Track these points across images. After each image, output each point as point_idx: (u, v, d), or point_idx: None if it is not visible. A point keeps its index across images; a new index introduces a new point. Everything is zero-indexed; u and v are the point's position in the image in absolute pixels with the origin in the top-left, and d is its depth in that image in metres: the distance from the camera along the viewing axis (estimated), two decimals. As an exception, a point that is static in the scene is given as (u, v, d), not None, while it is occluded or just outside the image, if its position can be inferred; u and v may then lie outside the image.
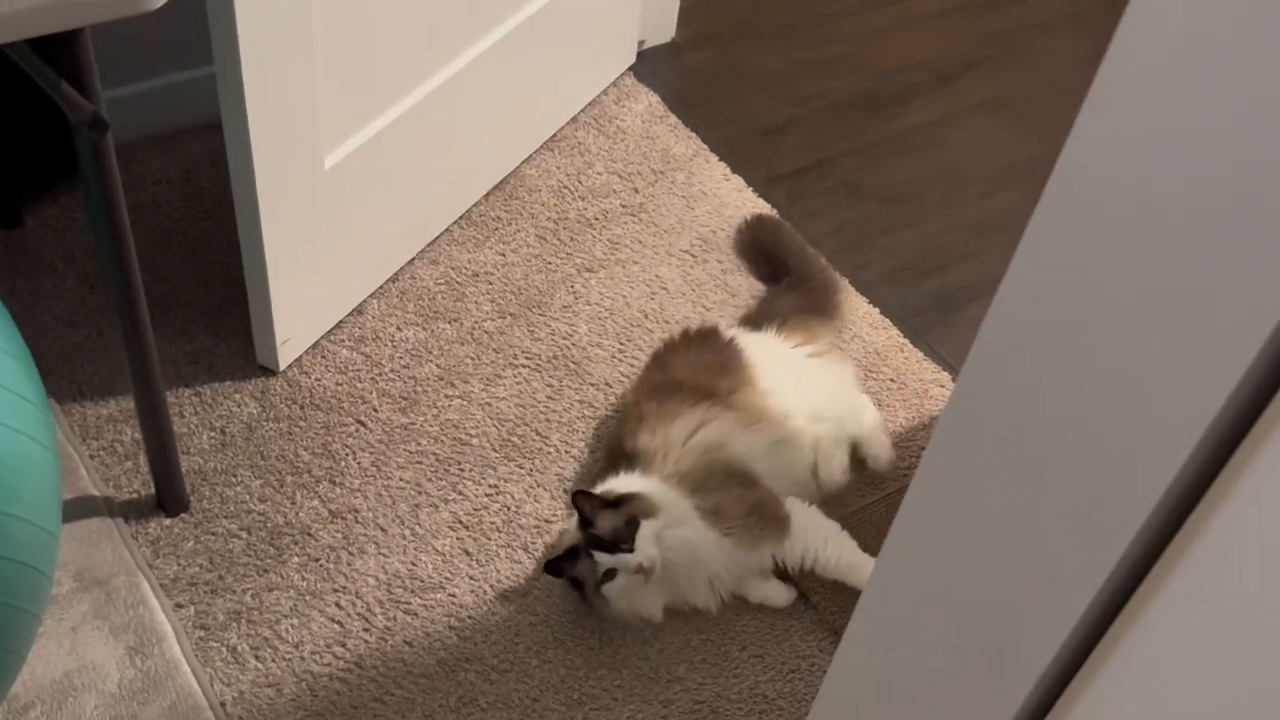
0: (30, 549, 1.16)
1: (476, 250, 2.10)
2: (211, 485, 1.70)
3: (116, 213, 1.33)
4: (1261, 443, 0.62)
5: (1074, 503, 0.74)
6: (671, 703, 1.56)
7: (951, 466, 0.86)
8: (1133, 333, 0.66)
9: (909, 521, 0.93)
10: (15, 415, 1.17)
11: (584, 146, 2.33)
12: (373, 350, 1.91)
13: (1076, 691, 0.82)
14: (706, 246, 2.19)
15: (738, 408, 1.71)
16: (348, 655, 1.55)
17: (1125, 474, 0.69)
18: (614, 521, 1.54)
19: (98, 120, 1.22)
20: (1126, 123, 0.61)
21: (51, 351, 1.82)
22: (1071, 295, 0.69)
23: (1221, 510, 0.66)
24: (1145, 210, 0.63)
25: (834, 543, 1.64)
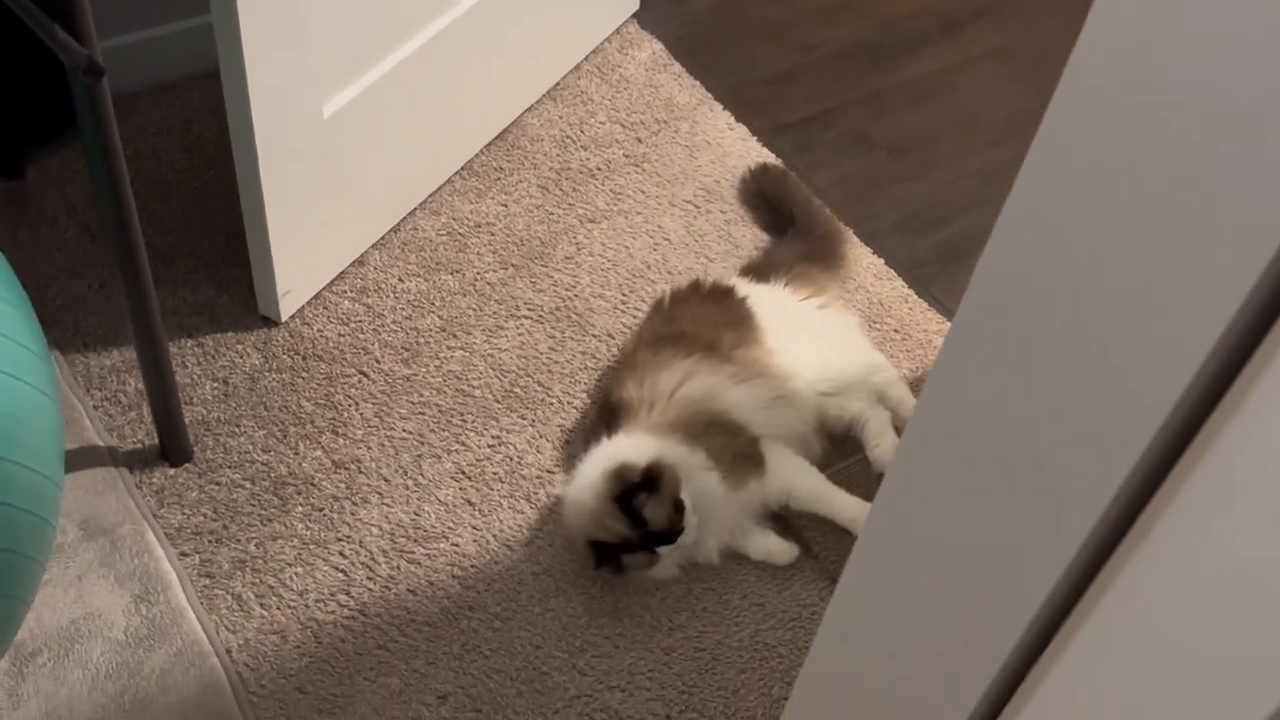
0: (32, 496, 1.17)
1: (478, 201, 2.10)
2: (215, 435, 1.71)
3: (114, 160, 1.33)
4: (1252, 384, 0.63)
5: (1070, 441, 0.75)
6: (673, 650, 1.58)
7: (946, 409, 0.87)
8: (1126, 269, 0.66)
9: (905, 464, 0.94)
10: (14, 363, 1.18)
11: (586, 95, 2.33)
12: (375, 301, 1.92)
13: (1072, 628, 0.83)
14: (710, 197, 2.18)
15: (737, 362, 1.71)
16: (352, 603, 1.57)
17: (1119, 412, 0.70)
18: (663, 509, 1.53)
19: (92, 65, 1.22)
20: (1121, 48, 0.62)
21: (55, 303, 1.83)
22: (1066, 228, 0.69)
23: (1221, 440, 0.67)
24: (1138, 145, 0.63)
25: (804, 476, 1.68)
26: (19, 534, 1.15)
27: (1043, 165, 0.70)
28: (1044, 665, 0.86)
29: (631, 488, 1.53)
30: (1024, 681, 0.88)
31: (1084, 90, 0.65)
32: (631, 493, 1.53)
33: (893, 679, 1.04)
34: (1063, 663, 0.84)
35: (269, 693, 1.48)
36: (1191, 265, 0.62)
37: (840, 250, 2.06)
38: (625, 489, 1.53)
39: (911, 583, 0.98)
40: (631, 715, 1.51)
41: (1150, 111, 0.62)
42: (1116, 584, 0.79)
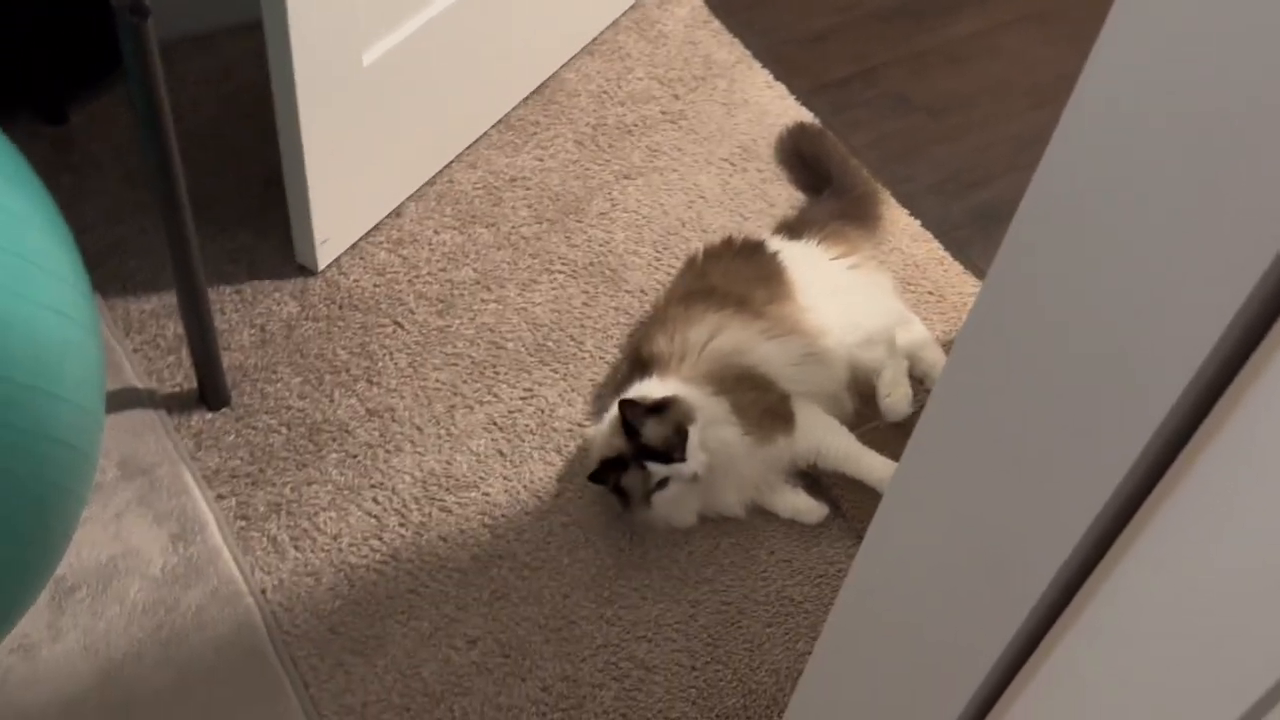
0: (76, 431, 1.20)
1: (514, 155, 2.11)
2: (252, 381, 1.74)
3: (157, 101, 1.35)
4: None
5: (1092, 407, 0.76)
6: (699, 603, 1.60)
7: (972, 373, 0.87)
8: (1148, 243, 0.67)
9: (931, 425, 0.95)
10: (59, 299, 1.21)
11: (624, 51, 2.33)
12: (410, 253, 1.94)
13: (1089, 592, 0.84)
14: (746, 155, 2.18)
15: (768, 318, 1.72)
16: (384, 548, 1.60)
17: (1140, 382, 0.70)
18: (663, 430, 1.56)
19: (138, 5, 1.24)
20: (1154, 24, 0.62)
21: (96, 247, 1.86)
22: (1092, 200, 0.70)
23: (1239, 413, 0.67)
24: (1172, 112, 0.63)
25: (834, 436, 1.69)
26: (61, 467, 1.18)
27: (1069, 138, 0.70)
28: (1061, 628, 0.87)
29: (639, 409, 1.57)
30: (1042, 641, 0.89)
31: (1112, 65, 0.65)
32: (639, 414, 1.56)
33: (914, 637, 1.05)
34: (1078, 627, 0.85)
35: (302, 632, 1.51)
36: (1214, 240, 0.63)
37: (876, 211, 2.06)
38: (633, 409, 1.57)
39: (934, 542, 0.99)
40: (657, 665, 1.53)
41: (1181, 89, 0.62)
42: (1134, 549, 0.79)
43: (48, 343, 1.17)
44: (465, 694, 1.48)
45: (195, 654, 1.47)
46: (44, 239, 1.20)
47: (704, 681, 1.53)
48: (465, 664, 1.51)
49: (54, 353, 1.18)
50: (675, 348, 1.68)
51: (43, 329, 1.17)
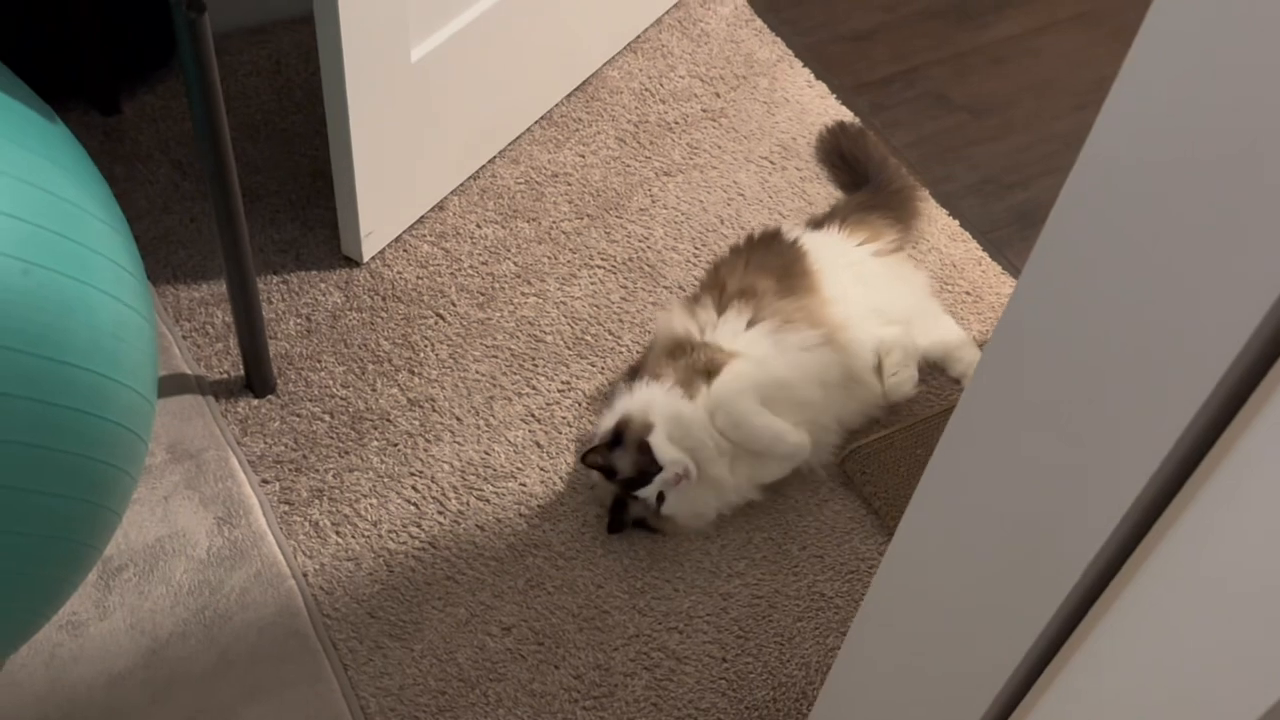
0: (130, 413, 1.25)
1: (556, 151, 2.14)
2: (297, 370, 1.78)
3: (213, 96, 1.39)
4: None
5: (1124, 402, 0.78)
6: (731, 596, 1.63)
7: (1007, 367, 0.89)
8: (1185, 231, 0.69)
9: (965, 419, 0.97)
10: (117, 285, 1.25)
11: (667, 49, 2.35)
12: (453, 246, 1.97)
13: (1118, 589, 0.86)
14: (786, 154, 2.21)
15: (767, 307, 1.75)
16: (422, 535, 1.64)
17: (1175, 376, 0.72)
18: (629, 455, 1.61)
19: (195, 0, 1.28)
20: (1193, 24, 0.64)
21: (147, 236, 1.91)
22: (1128, 192, 0.72)
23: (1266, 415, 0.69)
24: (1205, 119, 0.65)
25: (743, 398, 1.65)
26: (117, 448, 1.23)
27: (1104, 139, 0.72)
28: (1088, 624, 0.89)
29: (599, 451, 1.62)
30: (1069, 638, 0.91)
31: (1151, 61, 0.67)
32: (603, 455, 1.62)
33: (943, 633, 1.07)
34: (1106, 622, 0.87)
35: (341, 615, 1.55)
36: (1248, 238, 0.64)
37: (911, 206, 2.07)
38: (594, 455, 1.63)
39: (965, 535, 1.01)
40: (688, 656, 1.56)
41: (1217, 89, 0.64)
42: (1165, 545, 0.81)
43: (106, 327, 1.22)
44: (499, 680, 1.52)
45: (238, 635, 1.51)
46: (103, 228, 1.25)
47: (734, 673, 1.56)
48: (500, 650, 1.54)
49: (111, 337, 1.22)
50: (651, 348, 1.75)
51: (102, 314, 1.21)
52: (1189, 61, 0.65)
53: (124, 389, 1.22)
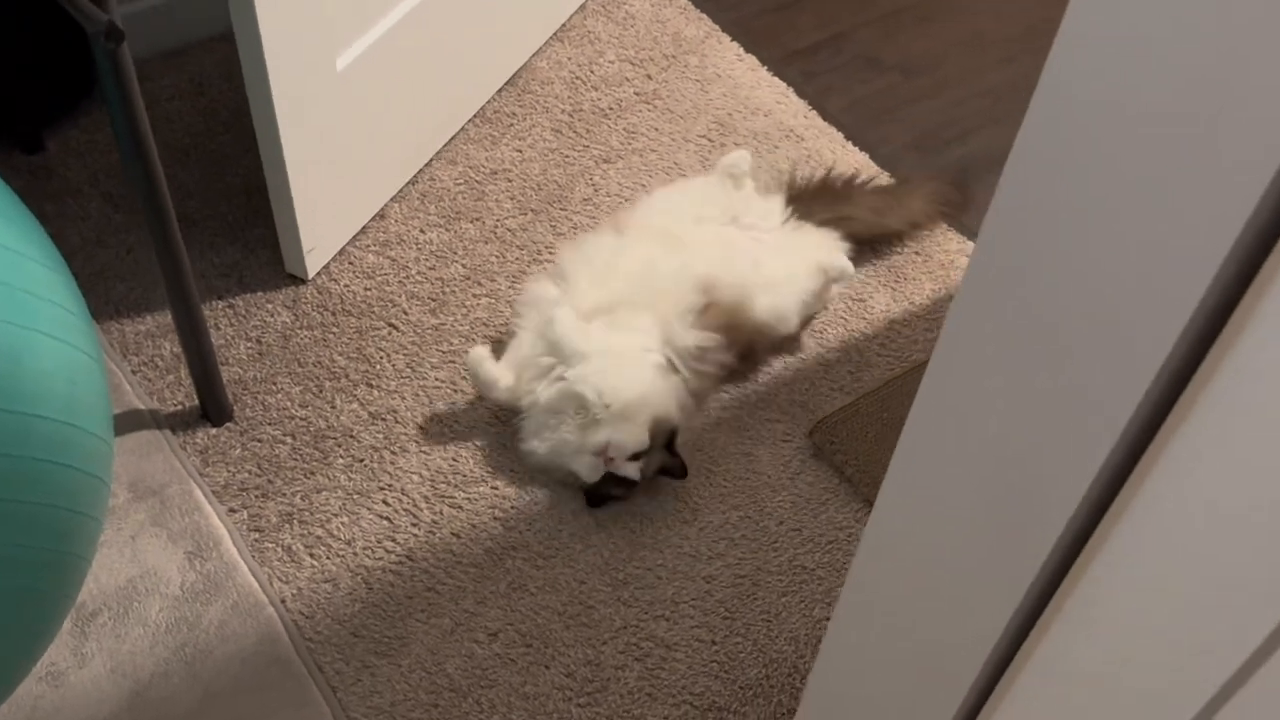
0: (89, 457, 1.22)
1: (493, 148, 2.13)
2: (253, 394, 1.76)
3: (138, 126, 1.37)
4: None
5: (1091, 354, 0.78)
6: (714, 578, 1.63)
7: (974, 321, 0.90)
8: (1146, 166, 0.69)
9: (938, 376, 0.97)
10: (64, 328, 1.23)
11: (594, 35, 2.34)
12: (398, 254, 1.96)
13: (1097, 544, 0.87)
14: (723, 130, 2.21)
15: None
16: (398, 549, 1.63)
17: (1142, 324, 0.73)
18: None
19: (113, 29, 1.25)
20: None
21: (84, 272, 1.88)
22: (1089, 124, 0.72)
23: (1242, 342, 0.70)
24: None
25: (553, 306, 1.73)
26: (82, 495, 1.21)
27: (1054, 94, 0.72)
28: (1075, 575, 0.90)
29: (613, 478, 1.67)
30: (1050, 600, 0.92)
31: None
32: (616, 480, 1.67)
33: (931, 594, 1.08)
34: (1097, 567, 0.88)
35: (325, 638, 1.54)
36: (1210, 172, 0.65)
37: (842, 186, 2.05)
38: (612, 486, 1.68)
39: (947, 495, 1.02)
40: (677, 642, 1.57)
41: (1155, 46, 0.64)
42: (1139, 497, 0.82)
43: (56, 372, 1.19)
44: (491, 686, 1.51)
45: (221, 668, 1.50)
46: (42, 270, 1.22)
47: (725, 655, 1.56)
48: (489, 656, 1.54)
49: (63, 382, 1.20)
50: None
51: (50, 359, 1.19)
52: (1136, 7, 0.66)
53: (81, 433, 1.20)
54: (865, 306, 1.96)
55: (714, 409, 1.81)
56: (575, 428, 1.65)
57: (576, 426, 1.65)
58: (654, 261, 1.76)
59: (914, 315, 1.96)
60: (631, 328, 1.72)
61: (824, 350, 1.90)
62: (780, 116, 2.24)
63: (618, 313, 1.73)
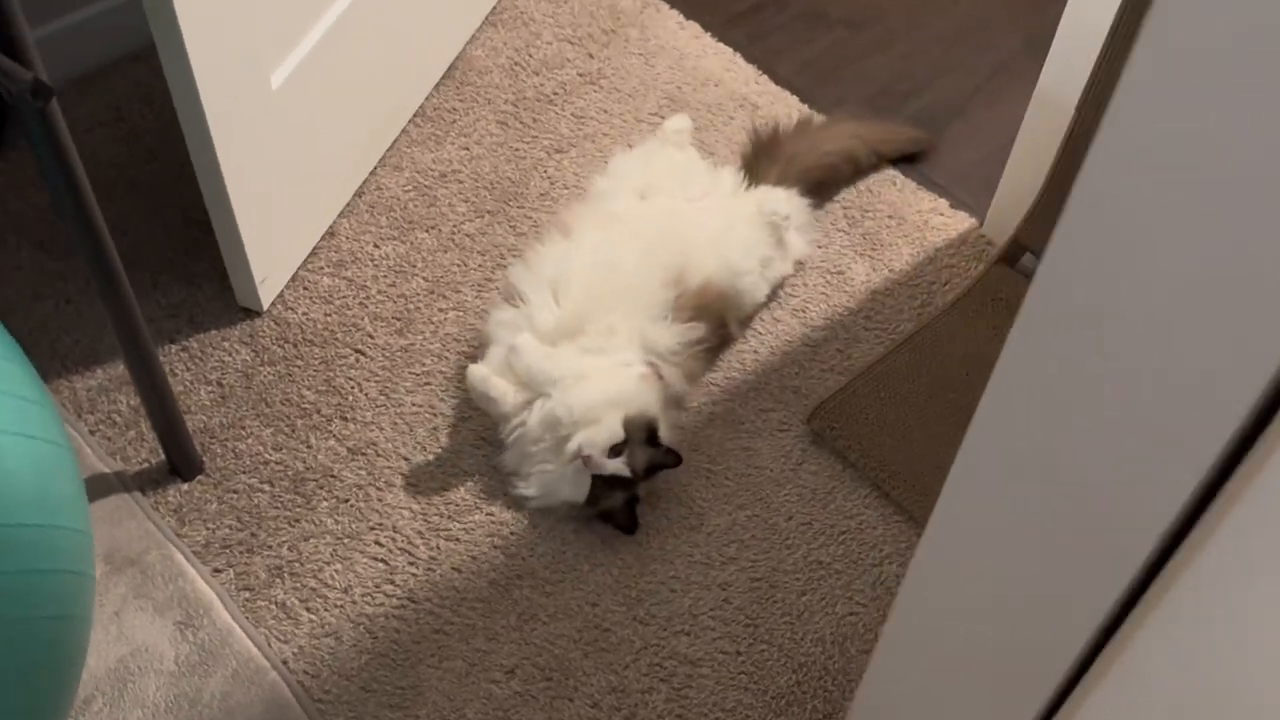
0: (73, 554, 1.14)
1: (438, 148, 2.04)
2: (221, 442, 1.68)
3: (76, 182, 1.27)
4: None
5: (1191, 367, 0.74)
6: (729, 585, 1.59)
7: (1054, 313, 0.84)
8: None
9: (1000, 389, 0.92)
10: (24, 420, 1.14)
11: (527, 15, 2.25)
12: (354, 273, 1.87)
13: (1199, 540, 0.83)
14: (674, 104, 2.14)
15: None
16: (398, 592, 1.56)
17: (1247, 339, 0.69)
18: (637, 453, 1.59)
19: (40, 87, 1.16)
20: None
21: (23, 329, 1.77)
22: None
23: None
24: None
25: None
26: (72, 597, 1.13)
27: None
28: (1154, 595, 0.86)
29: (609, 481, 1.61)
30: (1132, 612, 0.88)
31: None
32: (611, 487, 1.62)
33: (996, 612, 1.04)
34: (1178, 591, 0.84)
35: (334, 697, 1.47)
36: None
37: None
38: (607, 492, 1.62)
39: (1016, 504, 0.97)
40: (700, 657, 1.52)
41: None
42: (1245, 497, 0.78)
43: (23, 472, 1.11)
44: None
45: (229, 741, 1.43)
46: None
47: (751, 665, 1.52)
48: (508, 695, 1.48)
49: (33, 482, 1.12)
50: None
51: (15, 459, 1.10)
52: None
53: (59, 532, 1.12)
54: (845, 279, 1.92)
55: (705, 403, 1.76)
56: (551, 453, 1.60)
57: (551, 451, 1.60)
58: (612, 264, 1.69)
59: (895, 284, 1.91)
60: (605, 347, 1.65)
61: (809, 330, 1.85)
62: (731, 85, 2.18)
63: (587, 333, 1.66)
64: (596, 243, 1.72)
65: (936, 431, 1.71)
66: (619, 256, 1.70)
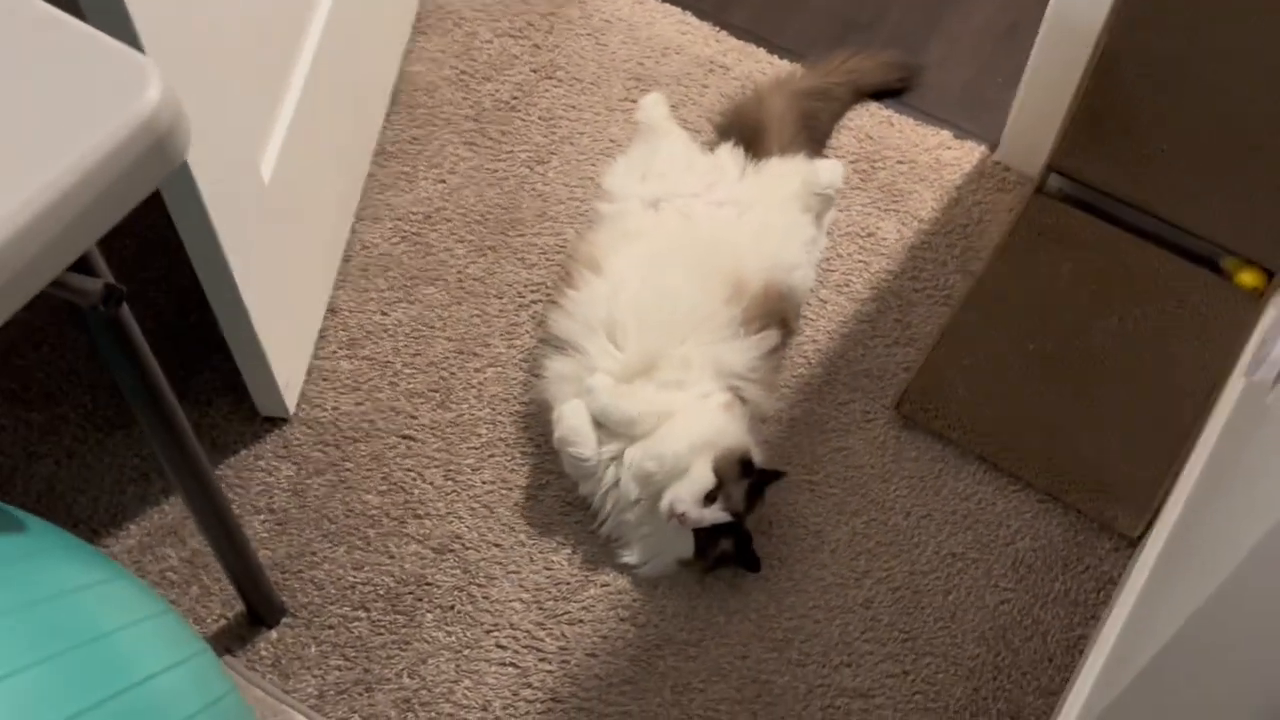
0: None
1: (412, 187, 1.91)
2: (296, 575, 1.57)
3: (150, 374, 1.14)
4: None
5: None
6: (872, 601, 1.56)
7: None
8: None
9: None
10: (172, 643, 1.02)
11: (457, 15, 2.11)
12: (372, 350, 1.75)
13: None
14: (641, 84, 2.04)
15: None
16: (539, 695, 1.49)
17: None
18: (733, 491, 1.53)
19: (112, 291, 1.02)
20: None
21: (29, 497, 1.61)
22: None
23: None
24: None
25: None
26: None
27: None
28: None
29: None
30: None
31: None
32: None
33: None
34: None
35: (512, 826, 1.41)
36: None
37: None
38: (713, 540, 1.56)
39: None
40: (870, 688, 1.50)
41: None
42: None
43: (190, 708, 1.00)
44: (706, 807, 1.42)
45: None
46: (118, 586, 1.01)
47: (923, 682, 1.50)
48: (689, 776, 1.44)
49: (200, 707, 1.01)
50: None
51: (181, 701, 0.99)
52: None
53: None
54: (877, 240, 1.87)
55: (781, 410, 1.70)
56: (647, 513, 1.53)
57: (648, 512, 1.53)
58: (663, 292, 1.61)
59: (929, 235, 1.87)
60: (683, 379, 1.58)
61: (859, 305, 1.80)
62: (692, 49, 2.08)
63: (660, 367, 1.58)
64: (635, 272, 1.63)
65: (1028, 388, 1.69)
66: (669, 282, 1.62)
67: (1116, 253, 1.80)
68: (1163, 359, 1.70)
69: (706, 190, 1.77)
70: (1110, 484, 1.61)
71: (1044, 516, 1.62)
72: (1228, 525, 1.03)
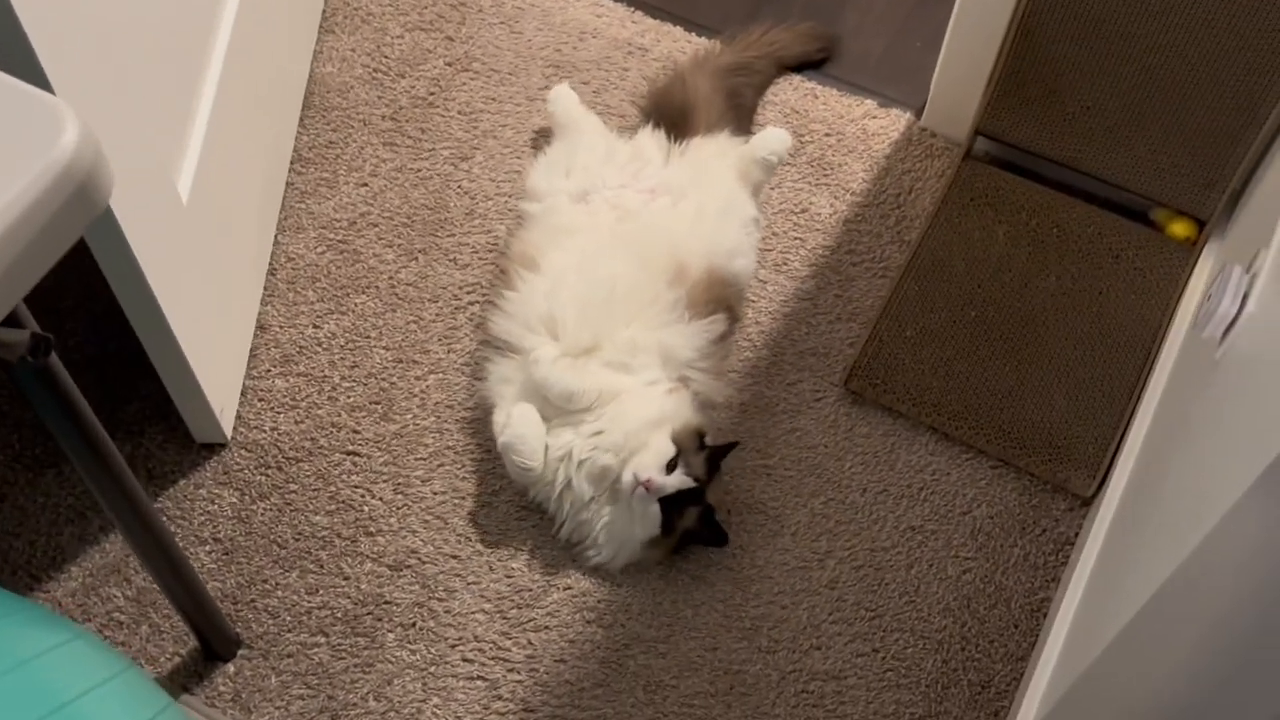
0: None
1: (333, 193, 1.88)
2: (248, 604, 1.54)
3: (83, 422, 1.11)
4: None
5: None
6: (837, 582, 1.57)
7: None
8: None
9: None
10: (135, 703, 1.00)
11: (364, 11, 2.07)
12: (307, 366, 1.72)
13: None
14: (559, 72, 2.02)
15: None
16: (510, 705, 1.48)
17: None
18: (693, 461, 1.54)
19: (39, 341, 0.99)
20: None
21: (-36, 549, 1.56)
22: None
23: None
24: None
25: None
26: None
27: None
28: None
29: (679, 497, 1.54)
30: None
31: None
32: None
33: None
34: None
35: (494, 842, 1.40)
36: None
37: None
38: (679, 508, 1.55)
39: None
40: (841, 669, 1.51)
41: None
42: None
43: None
44: (688, 805, 1.42)
45: None
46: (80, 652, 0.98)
47: (892, 658, 1.52)
48: (668, 775, 1.44)
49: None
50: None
51: None
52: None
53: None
54: (811, 216, 1.87)
55: (730, 395, 1.70)
56: (608, 503, 1.53)
57: (608, 502, 1.53)
58: (602, 279, 1.60)
59: (862, 207, 1.88)
60: (630, 363, 1.57)
61: (799, 283, 1.81)
62: (609, 32, 2.06)
63: (604, 348, 1.58)
64: (573, 264, 1.62)
65: (972, 355, 1.70)
66: (609, 270, 1.60)
67: (1049, 212, 1.82)
68: (1102, 316, 1.73)
69: (633, 179, 1.76)
70: (1060, 445, 1.64)
71: (998, 483, 1.64)
72: (1193, 484, 1.04)
